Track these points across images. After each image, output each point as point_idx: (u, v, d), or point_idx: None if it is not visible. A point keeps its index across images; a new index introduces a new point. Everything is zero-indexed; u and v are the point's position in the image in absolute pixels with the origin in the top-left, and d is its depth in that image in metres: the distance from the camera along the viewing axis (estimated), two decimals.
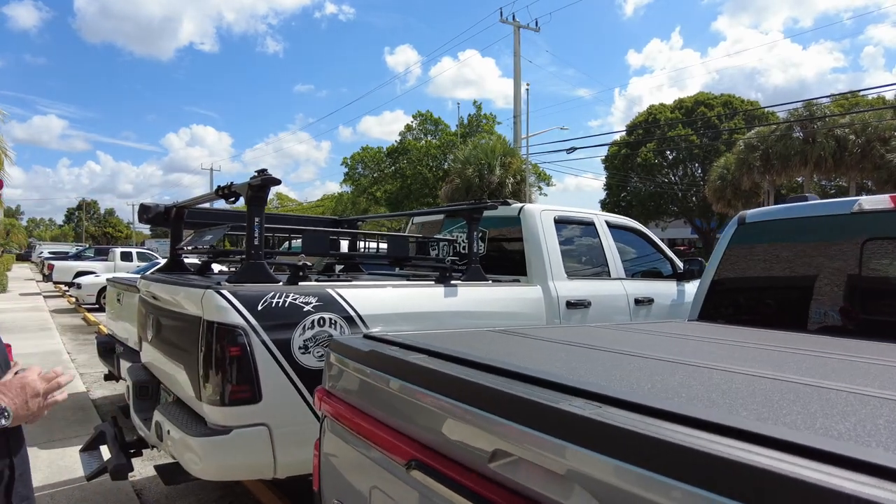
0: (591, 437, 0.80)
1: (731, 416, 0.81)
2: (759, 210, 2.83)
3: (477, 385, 1.04)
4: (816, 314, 2.54)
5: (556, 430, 0.86)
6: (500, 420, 0.96)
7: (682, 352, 1.63)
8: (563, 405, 0.89)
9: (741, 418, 0.82)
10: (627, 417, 0.85)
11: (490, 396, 0.99)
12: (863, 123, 25.75)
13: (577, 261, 4.52)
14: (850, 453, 0.66)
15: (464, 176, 21.10)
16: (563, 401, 0.94)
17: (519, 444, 0.92)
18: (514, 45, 25.90)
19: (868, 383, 1.16)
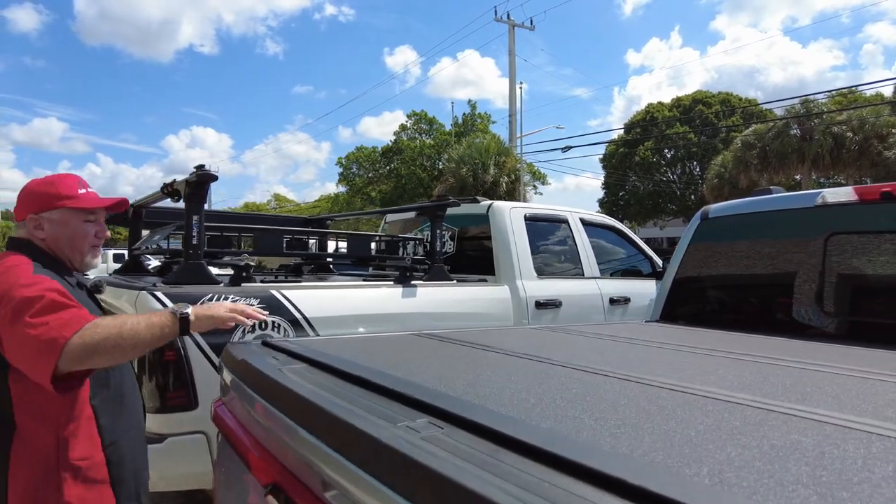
0: (401, 476, 0.66)
1: (582, 452, 0.66)
2: (723, 204, 2.69)
3: (309, 403, 0.89)
4: (779, 314, 2.40)
5: (367, 462, 0.71)
6: (319, 444, 0.83)
7: (610, 359, 1.49)
8: (385, 431, 0.74)
9: (596, 454, 0.67)
10: (465, 444, 0.71)
11: (316, 416, 0.85)
12: (860, 120, 25.59)
13: (549, 259, 4.38)
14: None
15: (458, 175, 20.96)
16: (401, 421, 0.80)
17: (340, 475, 0.78)
18: (508, 44, 25.82)
19: (815, 403, 1.01)
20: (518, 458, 0.67)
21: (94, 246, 1.77)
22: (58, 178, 1.75)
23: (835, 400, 1.02)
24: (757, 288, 2.48)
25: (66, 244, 1.70)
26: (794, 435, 0.78)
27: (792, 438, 0.77)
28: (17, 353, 1.44)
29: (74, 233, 1.71)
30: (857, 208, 2.17)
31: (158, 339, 1.53)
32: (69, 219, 1.69)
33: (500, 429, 0.72)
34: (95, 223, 1.75)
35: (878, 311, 2.15)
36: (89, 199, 1.73)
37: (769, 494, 0.57)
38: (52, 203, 1.68)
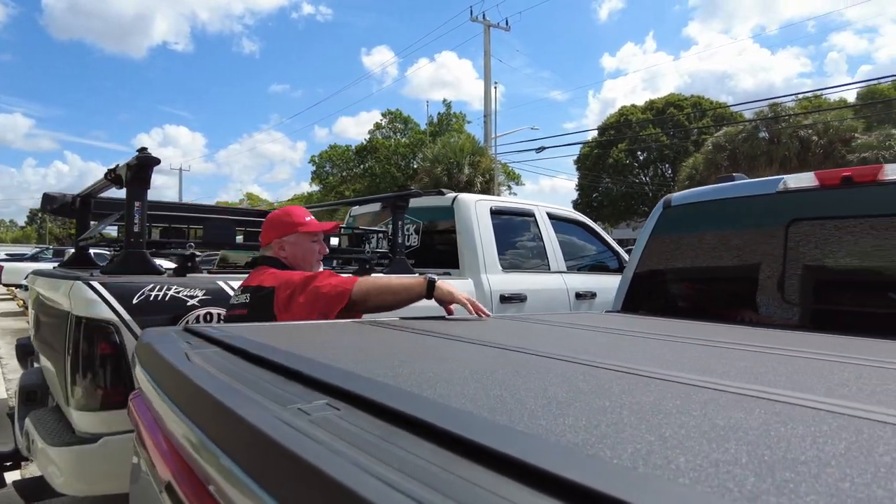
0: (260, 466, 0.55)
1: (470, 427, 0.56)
2: (686, 192, 2.63)
3: (196, 387, 0.78)
4: (742, 302, 2.35)
5: (235, 448, 0.60)
6: (196, 430, 0.71)
7: (558, 344, 1.40)
8: (261, 413, 0.63)
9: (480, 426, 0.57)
10: (357, 426, 0.60)
11: (201, 401, 0.74)
12: (825, 124, 26.22)
13: (515, 253, 4.30)
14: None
15: (433, 175, 20.89)
16: (294, 403, 0.69)
17: (212, 465, 0.67)
18: (484, 45, 25.86)
19: (746, 379, 0.93)
20: (415, 439, 0.57)
21: (318, 260, 2.36)
22: (290, 210, 2.40)
23: (789, 380, 0.94)
24: (719, 276, 2.42)
25: (301, 259, 2.29)
26: (741, 414, 0.69)
27: (737, 417, 0.68)
28: (310, 305, 2.00)
29: (306, 251, 2.30)
30: (818, 193, 2.13)
31: (410, 289, 2.10)
32: (302, 241, 2.29)
33: (397, 407, 0.62)
34: (318, 242, 2.35)
35: (842, 299, 2.11)
36: (314, 225, 2.34)
37: (700, 476, 0.47)
38: (290, 230, 2.29)
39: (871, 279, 2.04)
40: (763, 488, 0.45)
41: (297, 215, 2.33)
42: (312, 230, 2.31)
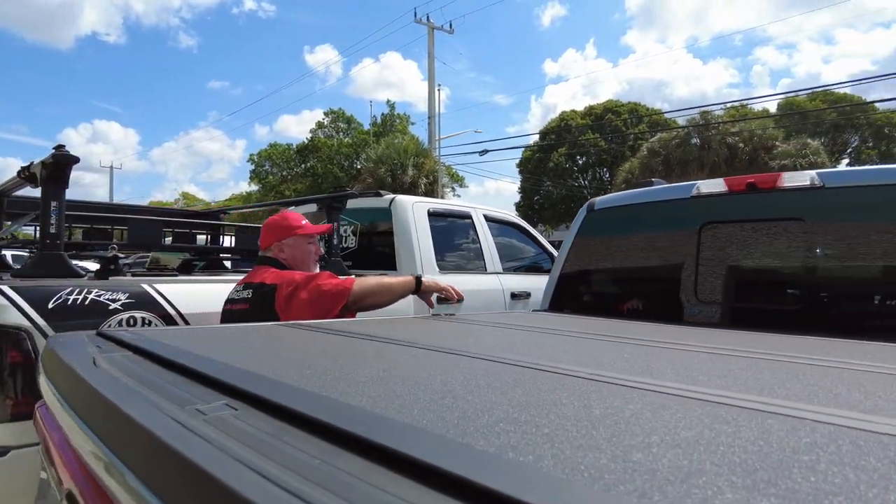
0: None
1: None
2: (608, 196, 2.75)
3: (94, 391, 0.77)
4: (661, 302, 2.48)
5: (124, 450, 0.61)
6: (89, 433, 0.71)
7: (474, 342, 1.44)
8: (151, 414, 0.64)
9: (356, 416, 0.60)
10: (251, 425, 0.62)
11: (97, 405, 0.73)
12: (750, 132, 27.80)
13: (452, 254, 4.36)
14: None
15: (376, 175, 20.78)
16: (193, 404, 0.70)
17: (103, 466, 0.67)
18: (428, 47, 25.95)
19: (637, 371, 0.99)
20: (304, 435, 0.59)
21: (315, 261, 2.59)
22: (287, 215, 2.62)
23: (675, 372, 1.02)
24: (639, 277, 2.55)
25: (299, 260, 2.49)
26: (618, 403, 0.75)
27: (614, 406, 0.73)
28: (313, 302, 2.18)
29: (304, 252, 2.51)
30: (727, 198, 2.27)
31: (402, 285, 2.42)
32: (300, 243, 2.50)
33: (288, 405, 0.64)
34: (314, 244, 2.57)
35: (749, 297, 2.26)
36: (310, 227, 2.55)
37: (560, 460, 0.51)
38: (288, 233, 2.48)
39: (773, 278, 2.21)
40: (612, 468, 0.49)
41: (293, 220, 2.56)
42: (309, 232, 2.54)
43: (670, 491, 0.45)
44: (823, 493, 0.45)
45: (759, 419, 0.70)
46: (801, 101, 35.77)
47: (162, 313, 2.59)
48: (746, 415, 0.71)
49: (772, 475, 0.49)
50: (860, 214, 2.01)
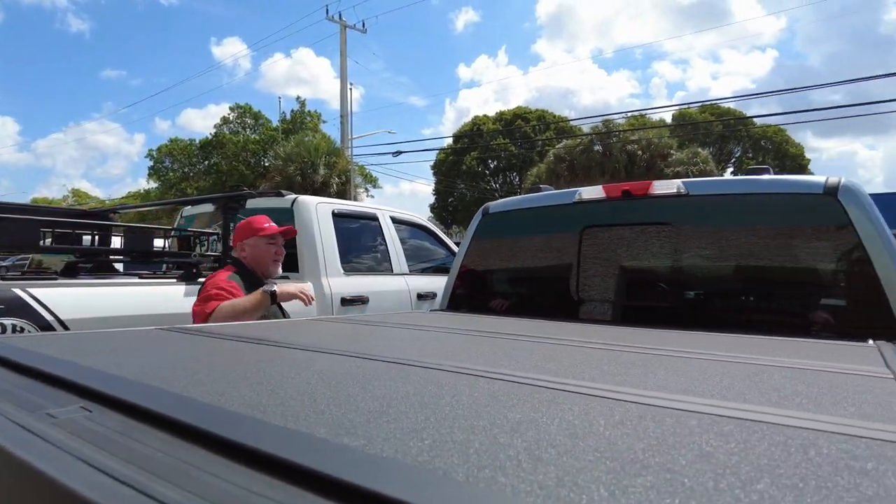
0: None
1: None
2: (501, 201, 2.89)
3: None
4: (548, 301, 2.63)
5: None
6: None
7: (359, 342, 1.49)
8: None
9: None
10: (102, 426, 0.63)
11: None
12: (647, 141, 29.72)
13: (357, 256, 4.36)
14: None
15: (285, 174, 20.21)
16: (46, 409, 0.69)
17: None
18: (340, 45, 25.58)
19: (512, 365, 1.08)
20: (154, 432, 0.61)
21: (275, 260, 2.78)
22: (254, 218, 2.82)
23: (532, 365, 1.11)
24: (529, 277, 2.70)
25: (258, 260, 2.73)
26: (477, 395, 0.82)
27: (473, 397, 0.80)
28: (194, 316, 2.50)
29: (262, 252, 2.73)
30: (605, 204, 2.46)
31: (257, 305, 2.48)
32: (258, 243, 2.73)
33: (140, 403, 0.65)
34: (274, 245, 2.77)
35: (631, 295, 2.45)
36: (270, 229, 2.75)
37: (389, 442, 0.57)
38: (249, 234, 2.74)
39: (646, 278, 2.41)
40: (442, 445, 0.56)
41: (258, 222, 2.78)
42: (268, 234, 2.74)
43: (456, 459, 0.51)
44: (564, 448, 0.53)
45: (582, 401, 0.80)
46: (692, 112, 38.65)
47: (37, 320, 2.42)
48: (573, 398, 0.81)
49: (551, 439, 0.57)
50: (719, 220, 2.25)
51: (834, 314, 2.04)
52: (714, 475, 0.51)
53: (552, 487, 0.47)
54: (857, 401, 0.85)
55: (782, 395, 0.88)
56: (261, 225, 2.77)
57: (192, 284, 3.08)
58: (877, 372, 1.12)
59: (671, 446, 0.60)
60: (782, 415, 0.74)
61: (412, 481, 0.46)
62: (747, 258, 2.16)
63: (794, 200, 2.11)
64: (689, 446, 0.60)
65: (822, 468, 0.54)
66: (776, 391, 0.91)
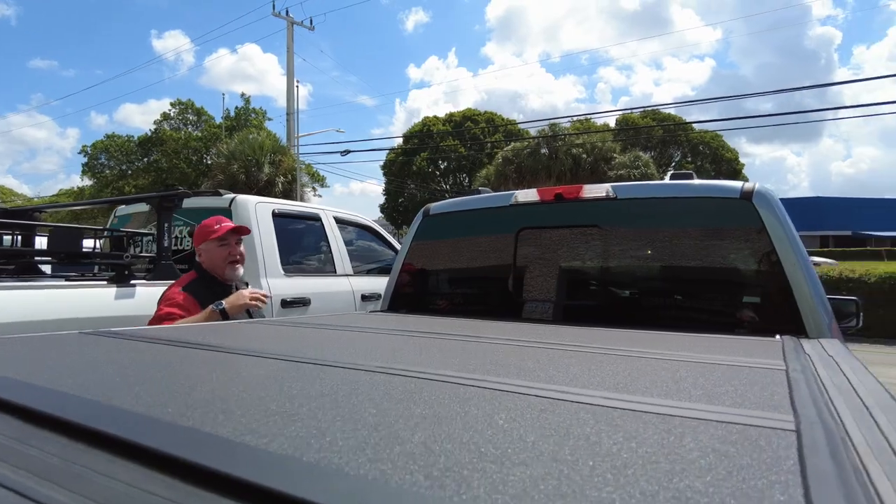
0: None
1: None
2: (442, 203, 2.92)
3: None
4: (486, 300, 2.69)
5: None
6: None
7: (280, 344, 1.49)
8: None
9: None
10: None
11: None
12: (592, 144, 30.55)
13: (299, 257, 4.31)
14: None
15: (228, 172, 19.68)
16: None
17: None
18: (287, 41, 25.13)
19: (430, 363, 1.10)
20: (54, 437, 0.60)
21: (231, 262, 2.64)
22: (209, 220, 2.71)
23: (458, 362, 1.15)
24: (468, 277, 2.75)
25: (213, 263, 2.62)
26: (392, 392, 0.85)
27: (386, 395, 0.83)
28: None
29: (215, 256, 2.62)
30: (540, 207, 2.54)
31: (208, 320, 2.35)
32: (211, 247, 2.62)
33: (38, 408, 0.65)
34: (227, 246, 2.63)
35: (559, 294, 2.53)
36: (220, 230, 2.62)
37: (275, 438, 0.59)
38: (203, 238, 2.64)
39: (580, 278, 2.50)
40: (344, 442, 0.58)
41: (210, 224, 2.68)
42: (217, 235, 2.62)
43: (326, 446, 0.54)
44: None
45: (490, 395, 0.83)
46: (635, 117, 39.99)
47: None
48: (477, 391, 0.85)
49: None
50: (646, 222, 2.36)
51: (748, 311, 2.18)
52: (593, 462, 0.55)
53: (437, 478, 0.50)
54: (742, 391, 0.92)
55: (681, 387, 0.95)
56: (211, 227, 2.64)
57: (125, 287, 2.97)
58: (771, 365, 1.22)
59: (562, 437, 0.64)
60: (673, 406, 0.80)
61: (300, 477, 0.48)
62: (672, 258, 2.27)
63: (713, 204, 2.23)
64: (577, 436, 0.64)
65: (693, 452, 0.59)
66: (676, 384, 0.98)
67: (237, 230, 2.68)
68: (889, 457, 0.60)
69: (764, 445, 0.62)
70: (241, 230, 2.71)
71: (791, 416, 0.74)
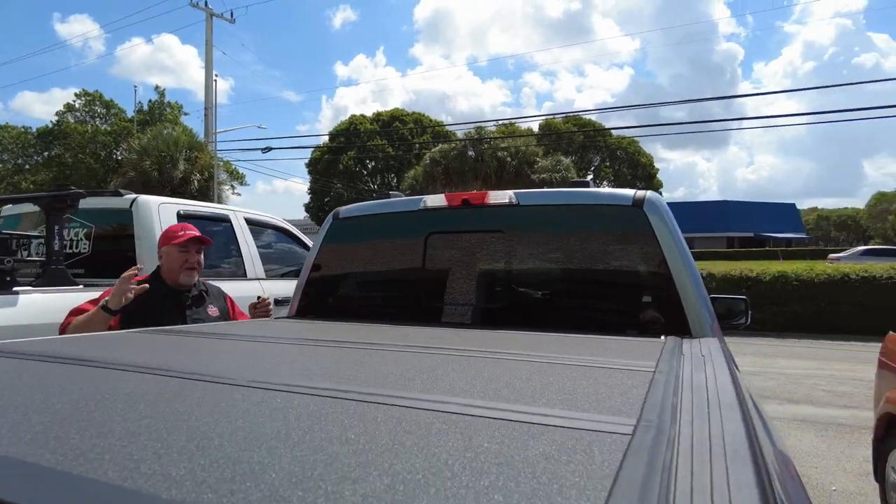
0: None
1: None
2: (352, 206, 2.90)
3: None
4: (396, 305, 2.69)
5: None
6: None
7: (156, 356, 1.44)
8: None
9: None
10: None
11: None
12: (516, 148, 31.26)
13: (208, 260, 4.13)
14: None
15: (140, 168, 18.62)
16: None
17: None
18: (206, 33, 24.10)
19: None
20: None
21: (187, 269, 2.68)
22: (173, 225, 2.90)
23: (331, 370, 1.14)
24: (378, 281, 2.74)
25: (169, 268, 2.69)
26: (224, 406, 0.83)
27: (220, 407, 0.81)
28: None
29: (172, 261, 2.67)
30: (447, 212, 2.57)
31: (93, 318, 2.39)
32: (170, 252, 2.68)
33: None
34: (186, 253, 2.68)
35: (464, 299, 2.56)
36: (184, 237, 2.68)
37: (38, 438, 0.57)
38: (163, 243, 2.72)
39: (487, 282, 2.55)
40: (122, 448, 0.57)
41: (174, 229, 2.76)
42: (179, 242, 2.67)
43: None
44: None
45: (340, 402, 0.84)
46: (557, 122, 41.33)
47: None
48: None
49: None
50: (547, 228, 2.44)
51: (640, 313, 2.30)
52: (426, 468, 0.57)
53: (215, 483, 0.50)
54: (603, 395, 0.97)
55: (546, 393, 0.99)
56: (175, 233, 2.71)
57: (6, 294, 2.75)
58: (643, 366, 1.29)
59: (399, 446, 0.65)
60: (529, 412, 0.83)
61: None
62: (571, 262, 2.36)
63: (608, 211, 2.34)
64: (412, 446, 0.66)
65: (522, 458, 0.62)
66: (543, 389, 1.02)
67: (199, 239, 2.74)
68: (703, 455, 0.65)
69: (594, 450, 0.65)
70: (204, 240, 2.77)
71: (634, 420, 0.79)
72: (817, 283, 12.13)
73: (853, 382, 7.26)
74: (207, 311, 2.79)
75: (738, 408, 0.92)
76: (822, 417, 5.92)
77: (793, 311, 12.18)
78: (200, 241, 2.74)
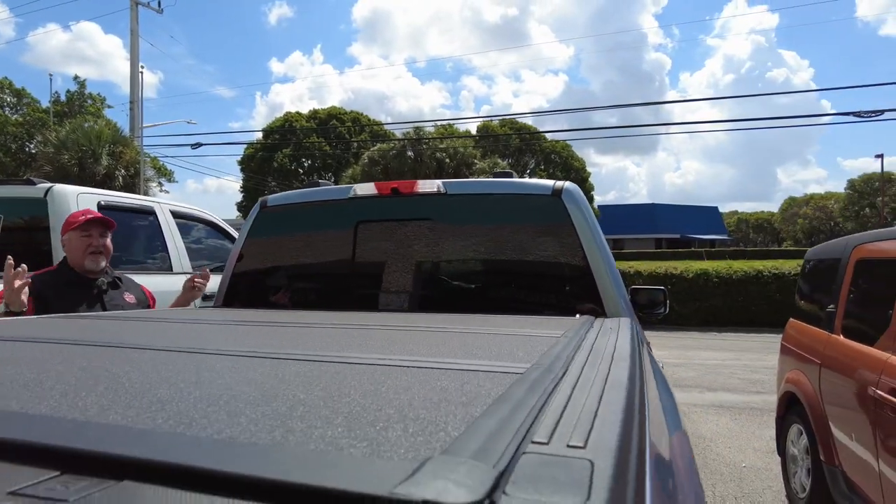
0: None
1: None
2: (279, 195, 2.88)
3: None
4: (323, 293, 2.70)
5: None
6: None
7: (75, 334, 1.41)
8: None
9: None
10: None
11: None
12: (455, 150, 31.55)
13: (130, 253, 4.00)
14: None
15: (58, 163, 17.49)
16: None
17: None
18: (130, 23, 22.94)
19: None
20: None
21: (91, 254, 2.56)
22: (74, 213, 2.75)
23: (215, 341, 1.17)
24: (307, 270, 2.74)
25: (72, 255, 2.59)
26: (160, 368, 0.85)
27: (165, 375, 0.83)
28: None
29: (74, 247, 2.57)
30: (377, 200, 2.61)
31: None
32: (72, 238, 2.57)
33: None
34: (88, 237, 2.56)
35: (394, 285, 2.61)
36: (82, 220, 2.56)
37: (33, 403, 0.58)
38: (65, 230, 2.61)
39: (418, 269, 2.60)
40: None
41: (76, 216, 2.62)
42: (78, 224, 2.54)
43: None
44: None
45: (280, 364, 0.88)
46: (494, 126, 41.98)
47: None
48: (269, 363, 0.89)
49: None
50: (472, 217, 2.52)
51: (560, 296, 2.42)
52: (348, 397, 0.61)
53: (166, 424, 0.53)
54: (511, 352, 1.05)
55: (468, 350, 1.05)
56: (76, 218, 2.59)
57: None
58: (552, 334, 1.38)
59: (299, 383, 0.70)
60: (450, 362, 0.89)
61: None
62: (496, 250, 2.45)
63: (530, 201, 2.45)
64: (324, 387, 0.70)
65: (427, 387, 0.67)
66: (465, 347, 1.08)
67: (101, 221, 2.59)
68: (585, 387, 0.73)
69: (486, 383, 0.72)
70: (107, 222, 2.61)
71: (528, 365, 0.87)
72: (735, 279, 12.97)
73: (765, 371, 7.82)
74: (124, 297, 2.70)
75: (629, 360, 1.01)
76: (736, 403, 6.36)
77: (713, 305, 12.96)
78: (103, 223, 2.60)
